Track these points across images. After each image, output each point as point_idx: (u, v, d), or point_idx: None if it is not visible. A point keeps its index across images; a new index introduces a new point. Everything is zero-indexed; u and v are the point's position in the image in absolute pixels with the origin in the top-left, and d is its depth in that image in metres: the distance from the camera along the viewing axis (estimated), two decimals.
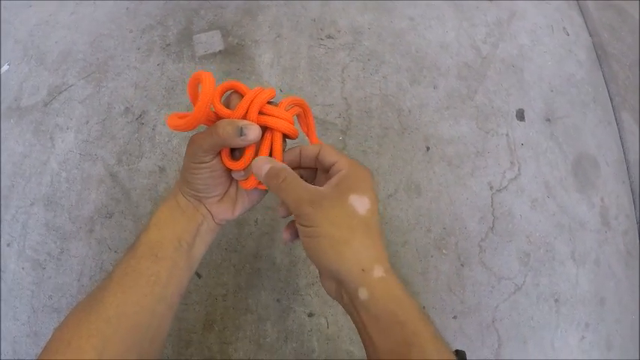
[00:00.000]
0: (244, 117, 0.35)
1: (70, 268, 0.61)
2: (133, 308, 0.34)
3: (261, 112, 0.36)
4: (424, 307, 0.61)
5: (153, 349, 0.36)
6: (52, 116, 0.69)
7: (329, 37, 0.75)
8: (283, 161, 0.37)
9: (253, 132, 0.34)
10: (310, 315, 0.59)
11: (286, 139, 0.39)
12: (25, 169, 0.66)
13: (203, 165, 0.36)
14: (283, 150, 0.38)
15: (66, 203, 0.63)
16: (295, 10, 0.77)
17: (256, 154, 0.37)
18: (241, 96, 0.37)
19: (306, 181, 0.36)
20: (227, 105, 0.37)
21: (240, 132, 0.34)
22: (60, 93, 0.70)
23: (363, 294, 0.32)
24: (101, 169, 0.65)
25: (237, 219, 0.62)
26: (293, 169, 0.36)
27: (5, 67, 0.72)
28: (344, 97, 0.71)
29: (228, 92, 0.38)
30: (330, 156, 0.37)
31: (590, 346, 0.65)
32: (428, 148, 0.69)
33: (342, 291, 0.34)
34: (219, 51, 0.73)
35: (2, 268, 0.61)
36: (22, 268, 0.61)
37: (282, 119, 0.36)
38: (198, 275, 0.60)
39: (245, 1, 0.78)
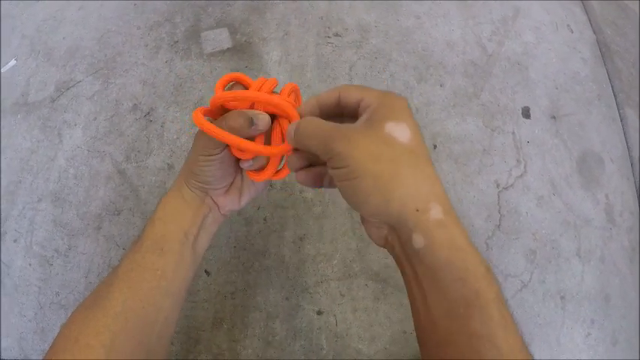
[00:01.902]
0: (252, 107, 0.36)
1: (78, 264, 0.61)
2: (140, 304, 0.34)
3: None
4: None
5: (160, 345, 0.35)
6: (59, 112, 0.68)
7: (336, 35, 0.75)
8: None
9: (263, 121, 0.34)
10: (319, 313, 0.59)
11: None
12: (32, 165, 0.65)
13: (213, 157, 0.36)
14: None
15: (74, 200, 0.63)
16: (303, 7, 0.77)
17: (266, 143, 0.37)
18: (244, 87, 0.37)
19: None
20: None
21: (251, 122, 0.33)
22: (68, 89, 0.70)
23: (418, 242, 0.27)
24: (109, 165, 0.65)
25: (244, 215, 0.62)
26: None
27: (12, 63, 0.72)
28: None
29: (231, 84, 0.38)
30: (354, 93, 0.32)
31: (596, 342, 0.65)
32: (435, 146, 0.69)
33: (392, 238, 0.29)
34: (227, 48, 0.73)
35: (9, 264, 0.61)
36: (29, 264, 0.61)
37: (289, 103, 0.36)
38: (207, 273, 0.60)
39: None
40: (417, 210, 0.27)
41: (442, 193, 0.28)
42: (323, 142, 0.29)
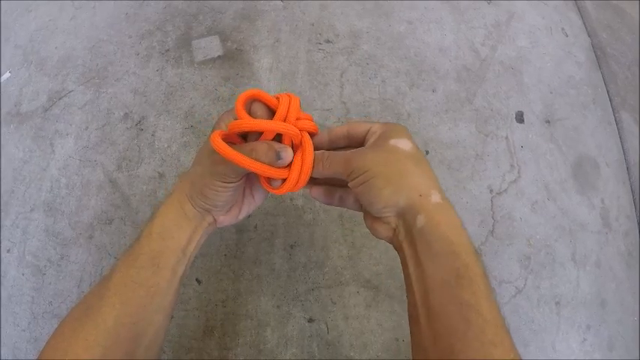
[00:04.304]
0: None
1: (70, 274, 0.61)
2: (132, 319, 0.34)
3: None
4: None
5: (148, 356, 0.36)
6: (51, 122, 0.69)
7: (327, 41, 0.75)
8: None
9: (288, 156, 0.36)
10: (310, 320, 0.59)
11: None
12: (25, 175, 0.66)
13: (231, 185, 0.36)
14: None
15: (66, 209, 0.63)
16: (294, 14, 0.77)
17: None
18: (264, 105, 0.37)
19: None
20: (250, 115, 0.38)
21: (278, 156, 0.35)
22: (60, 99, 0.70)
23: (420, 221, 0.32)
24: (101, 175, 0.65)
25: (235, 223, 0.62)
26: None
27: (7, 75, 0.72)
28: (343, 101, 0.71)
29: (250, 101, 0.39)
30: (361, 126, 0.39)
31: (592, 348, 0.64)
32: (427, 152, 0.69)
33: (398, 226, 0.35)
34: (218, 56, 0.73)
35: (3, 274, 0.61)
36: (22, 274, 0.61)
37: (309, 120, 0.38)
38: (198, 281, 0.60)
39: (245, 1, 0.78)
40: (420, 195, 0.33)
41: (438, 185, 0.35)
42: (344, 164, 0.36)
